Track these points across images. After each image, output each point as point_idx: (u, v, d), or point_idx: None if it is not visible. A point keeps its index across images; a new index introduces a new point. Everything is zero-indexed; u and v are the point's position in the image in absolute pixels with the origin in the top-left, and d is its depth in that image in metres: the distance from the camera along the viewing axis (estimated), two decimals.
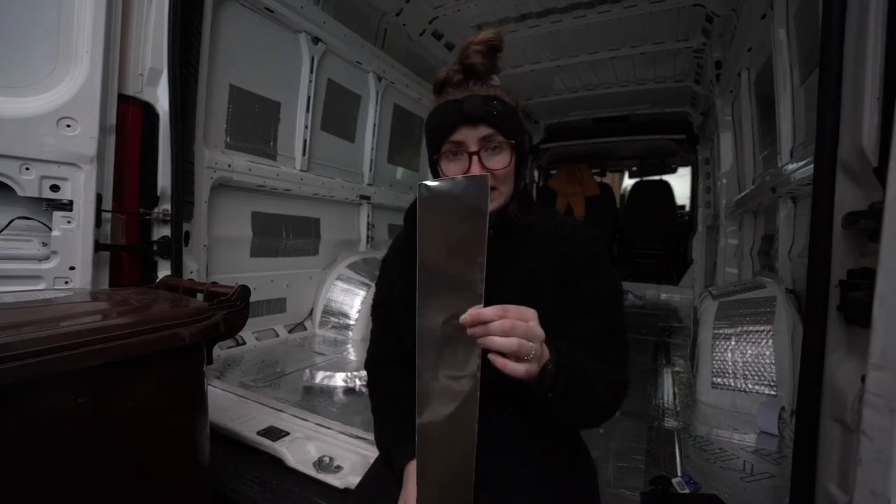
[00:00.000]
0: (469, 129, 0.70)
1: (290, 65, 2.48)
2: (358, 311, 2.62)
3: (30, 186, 1.32)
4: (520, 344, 0.51)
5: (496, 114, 0.70)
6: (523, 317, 0.53)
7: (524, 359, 0.52)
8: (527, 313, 0.54)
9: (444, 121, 0.72)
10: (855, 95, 0.77)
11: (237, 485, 1.13)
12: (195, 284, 1.20)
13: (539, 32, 3.11)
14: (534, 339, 0.53)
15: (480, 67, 0.73)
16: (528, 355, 0.52)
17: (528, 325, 0.53)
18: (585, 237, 0.76)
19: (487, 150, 0.71)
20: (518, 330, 0.51)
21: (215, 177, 2.09)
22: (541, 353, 0.55)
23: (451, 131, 0.71)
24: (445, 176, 0.72)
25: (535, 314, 0.54)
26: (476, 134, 0.70)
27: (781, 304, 1.70)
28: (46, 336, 0.69)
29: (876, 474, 0.62)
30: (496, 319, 0.51)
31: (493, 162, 0.71)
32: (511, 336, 0.51)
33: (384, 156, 3.38)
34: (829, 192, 0.82)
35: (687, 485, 1.14)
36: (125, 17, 1.51)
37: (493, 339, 0.51)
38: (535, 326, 0.54)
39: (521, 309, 0.54)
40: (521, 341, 0.51)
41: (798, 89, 1.91)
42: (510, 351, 0.51)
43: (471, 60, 0.73)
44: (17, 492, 0.67)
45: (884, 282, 0.63)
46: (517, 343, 0.51)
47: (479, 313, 0.51)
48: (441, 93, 0.76)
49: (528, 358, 0.52)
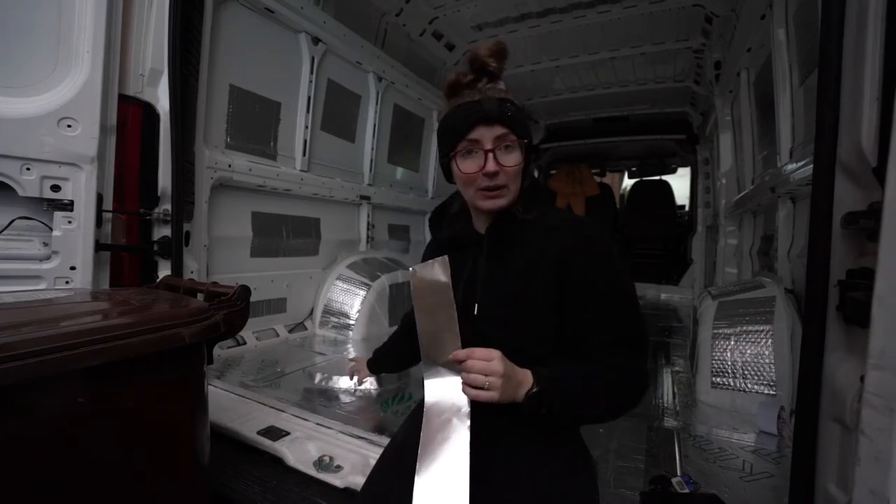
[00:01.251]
0: (485, 128, 0.74)
1: (291, 65, 2.48)
2: (358, 311, 2.62)
3: (30, 186, 1.33)
4: (475, 378, 0.67)
5: (510, 114, 0.75)
6: (486, 357, 0.68)
7: (483, 388, 0.67)
8: (490, 354, 0.68)
9: (461, 120, 0.76)
10: (854, 95, 0.78)
11: (237, 485, 1.13)
12: (195, 284, 1.20)
13: (539, 32, 3.12)
14: (491, 374, 0.67)
15: (494, 68, 0.78)
16: (484, 385, 0.67)
17: (485, 364, 0.67)
18: (588, 234, 0.77)
19: (501, 149, 0.75)
20: (475, 367, 0.68)
21: (215, 177, 2.10)
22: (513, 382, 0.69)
23: (468, 130, 0.75)
24: (461, 172, 0.78)
25: (498, 354, 0.68)
26: (492, 133, 0.74)
27: (781, 304, 1.70)
28: (47, 336, 0.69)
29: (875, 474, 0.62)
30: (464, 360, 0.69)
31: (506, 159, 0.75)
32: (470, 372, 0.68)
33: (384, 156, 3.38)
34: (829, 192, 0.82)
35: (686, 484, 1.14)
36: (126, 17, 1.51)
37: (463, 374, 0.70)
38: (493, 365, 0.67)
39: (487, 351, 0.69)
40: (475, 376, 0.67)
41: (797, 89, 1.91)
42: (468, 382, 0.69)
43: (484, 62, 0.78)
44: (17, 492, 0.68)
45: (883, 282, 0.63)
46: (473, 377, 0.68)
47: (454, 355, 0.71)
48: (455, 95, 0.80)
49: (486, 387, 0.67)
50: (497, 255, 0.80)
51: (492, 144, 0.74)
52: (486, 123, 0.74)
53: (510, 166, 0.75)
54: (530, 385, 0.69)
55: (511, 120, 0.74)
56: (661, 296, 4.35)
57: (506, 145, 0.75)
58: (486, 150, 0.74)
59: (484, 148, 0.74)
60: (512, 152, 0.76)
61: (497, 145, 0.74)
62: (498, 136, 0.74)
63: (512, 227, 0.80)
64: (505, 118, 0.74)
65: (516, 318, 0.76)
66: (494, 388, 0.67)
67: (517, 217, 0.79)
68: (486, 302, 0.78)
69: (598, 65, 3.60)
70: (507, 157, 0.75)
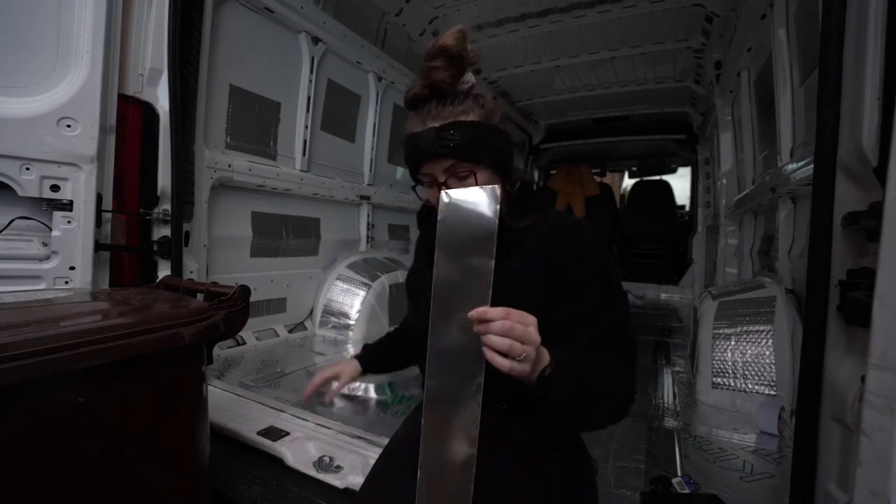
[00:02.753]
0: (431, 162, 0.71)
1: (290, 65, 2.48)
2: (358, 311, 2.62)
3: (30, 186, 1.33)
4: (510, 345, 0.54)
5: (453, 145, 0.69)
6: (523, 321, 0.56)
7: (515, 359, 0.55)
8: (527, 318, 0.56)
9: (409, 157, 0.73)
10: (854, 95, 0.77)
11: (237, 485, 1.13)
12: (195, 284, 1.20)
13: (539, 32, 3.11)
14: (529, 342, 0.55)
15: (443, 85, 0.71)
16: (520, 356, 0.55)
17: (525, 329, 0.55)
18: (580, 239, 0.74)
19: (455, 178, 0.71)
20: (515, 332, 0.54)
21: (215, 177, 2.09)
22: (536, 358, 0.57)
23: (416, 166, 0.72)
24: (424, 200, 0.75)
25: (534, 320, 0.57)
26: (439, 166, 0.71)
27: (781, 304, 1.70)
28: (46, 336, 0.69)
29: (876, 474, 0.62)
30: (498, 320, 0.54)
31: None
32: (508, 336, 0.54)
33: (384, 156, 3.38)
34: (829, 192, 0.82)
35: (687, 485, 1.14)
36: (125, 17, 1.51)
37: (491, 337, 0.54)
38: (532, 332, 0.56)
39: (523, 314, 0.56)
40: (512, 342, 0.54)
41: (798, 89, 1.91)
42: (502, 349, 0.54)
43: (431, 80, 0.71)
44: (18, 492, 0.67)
45: (883, 282, 0.63)
46: (508, 343, 0.54)
47: (484, 311, 0.55)
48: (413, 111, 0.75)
49: (520, 359, 0.55)
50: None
51: (443, 176, 0.71)
52: (430, 159, 0.70)
53: None
54: (545, 364, 0.60)
55: (457, 150, 0.69)
56: (661, 296, 4.35)
57: (460, 176, 0.70)
58: (439, 185, 0.71)
59: (437, 182, 0.71)
60: (467, 181, 0.71)
61: (449, 174, 0.71)
62: (446, 168, 0.70)
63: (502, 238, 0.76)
64: (447, 150, 0.69)
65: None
66: (528, 361, 0.56)
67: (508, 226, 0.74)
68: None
69: (598, 65, 3.60)
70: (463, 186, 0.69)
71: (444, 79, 0.71)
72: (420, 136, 0.70)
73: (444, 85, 0.71)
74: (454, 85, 0.72)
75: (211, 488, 1.02)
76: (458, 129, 0.69)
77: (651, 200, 5.34)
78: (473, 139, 0.70)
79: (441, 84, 0.71)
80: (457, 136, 0.69)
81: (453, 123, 0.70)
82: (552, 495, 0.71)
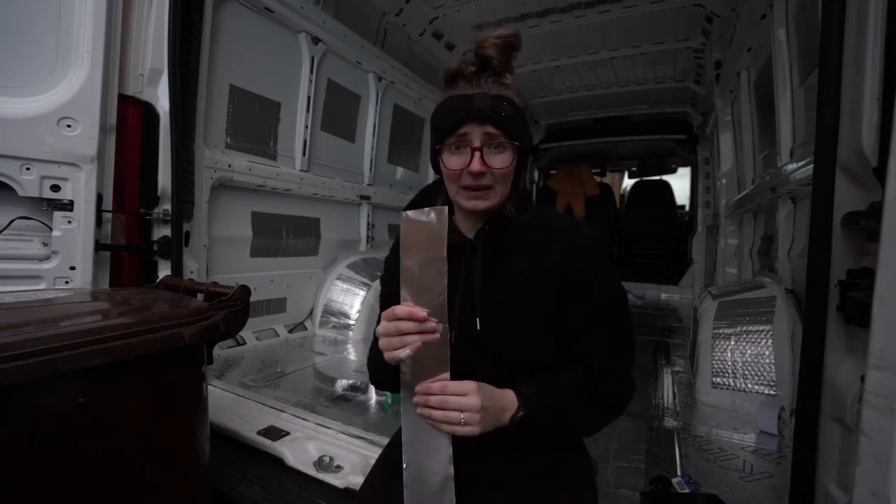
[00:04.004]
0: (475, 125, 0.70)
1: (290, 65, 2.48)
2: (358, 311, 2.62)
3: (30, 186, 1.33)
4: (445, 415, 0.63)
5: (504, 115, 0.70)
6: (460, 391, 0.64)
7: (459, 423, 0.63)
8: (465, 387, 0.64)
9: (451, 114, 0.72)
10: (854, 95, 0.78)
11: (237, 485, 1.13)
12: (195, 284, 1.20)
13: (539, 32, 3.11)
14: (466, 409, 0.63)
15: (495, 62, 0.73)
16: (458, 423, 0.63)
17: (458, 400, 0.63)
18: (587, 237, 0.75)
19: (490, 148, 0.71)
20: (449, 404, 0.63)
21: (215, 177, 2.10)
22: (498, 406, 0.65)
23: (457, 125, 0.71)
24: (446, 168, 0.74)
25: (474, 387, 0.64)
26: (481, 130, 0.71)
27: (781, 304, 1.70)
28: (46, 336, 0.69)
29: (875, 474, 0.62)
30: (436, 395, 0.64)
31: (494, 160, 0.71)
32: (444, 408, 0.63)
33: (384, 156, 3.38)
34: (829, 192, 0.82)
35: (687, 484, 1.14)
36: (125, 17, 1.51)
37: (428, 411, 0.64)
38: (468, 400, 0.63)
39: (461, 385, 0.64)
40: (446, 413, 0.63)
41: (798, 89, 1.91)
42: (438, 420, 0.64)
43: (487, 53, 0.73)
44: (18, 492, 0.68)
45: (883, 282, 0.63)
46: (442, 415, 0.63)
47: (426, 388, 0.64)
48: (452, 85, 0.75)
49: (462, 423, 0.63)
50: (493, 264, 0.75)
51: (480, 142, 0.70)
52: (476, 120, 0.70)
53: (498, 168, 0.70)
54: (515, 409, 0.66)
55: (504, 120, 0.70)
56: (661, 296, 4.35)
57: (496, 145, 0.71)
58: (474, 148, 0.70)
59: (472, 145, 0.70)
60: (502, 153, 0.71)
61: (486, 143, 0.70)
62: (488, 133, 0.70)
63: (505, 233, 0.76)
64: (497, 118, 0.69)
65: (520, 331, 0.73)
66: (472, 423, 0.63)
67: (511, 221, 0.75)
68: (487, 316, 0.74)
69: (598, 65, 3.60)
70: (496, 158, 0.71)
71: (497, 57, 0.73)
72: (473, 98, 0.70)
73: (495, 63, 0.74)
74: (501, 71, 0.75)
75: (211, 488, 1.02)
76: (509, 103, 0.72)
77: (651, 200, 5.34)
78: (520, 120, 0.73)
79: (493, 61, 0.73)
80: (508, 108, 0.71)
81: (506, 97, 0.72)
82: (552, 495, 0.71)
